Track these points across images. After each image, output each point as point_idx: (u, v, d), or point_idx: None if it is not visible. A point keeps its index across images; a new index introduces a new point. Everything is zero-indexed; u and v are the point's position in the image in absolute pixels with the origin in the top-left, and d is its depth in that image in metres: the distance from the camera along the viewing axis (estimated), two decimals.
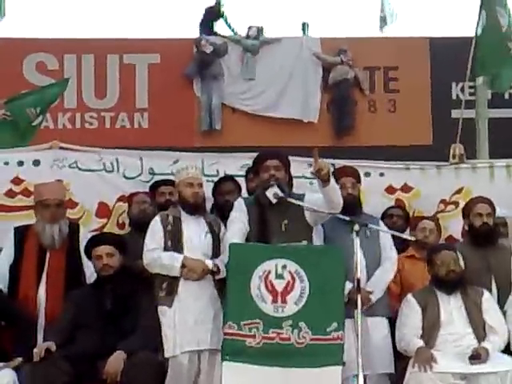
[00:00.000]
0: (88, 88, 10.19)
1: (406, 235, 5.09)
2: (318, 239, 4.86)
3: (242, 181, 5.64)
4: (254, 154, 5.21)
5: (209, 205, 5.40)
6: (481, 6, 6.52)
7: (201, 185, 5.01)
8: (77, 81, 10.03)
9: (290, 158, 5.33)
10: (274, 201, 4.74)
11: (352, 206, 4.96)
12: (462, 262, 4.92)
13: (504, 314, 4.93)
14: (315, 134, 10.13)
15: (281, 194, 4.74)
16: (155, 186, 5.62)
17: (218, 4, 10.64)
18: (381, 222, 5.11)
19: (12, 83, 9.42)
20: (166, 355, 4.75)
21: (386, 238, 5.00)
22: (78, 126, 10.20)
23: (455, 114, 9.83)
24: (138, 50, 10.24)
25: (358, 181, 5.14)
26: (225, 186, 5.51)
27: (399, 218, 5.45)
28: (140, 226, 5.15)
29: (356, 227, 4.51)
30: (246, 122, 10.28)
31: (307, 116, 10.31)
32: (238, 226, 4.81)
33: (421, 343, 4.76)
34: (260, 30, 10.38)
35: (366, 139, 9.93)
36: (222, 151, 6.50)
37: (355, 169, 5.26)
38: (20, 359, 4.72)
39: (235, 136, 9.87)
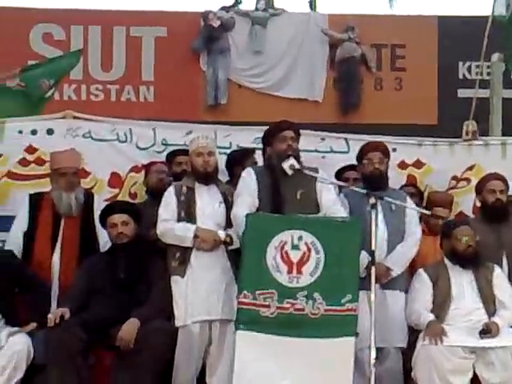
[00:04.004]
0: (94, 60, 10.15)
1: (422, 209, 5.10)
2: (344, 212, 4.87)
3: None
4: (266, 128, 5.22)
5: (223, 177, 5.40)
6: None
7: (211, 153, 4.99)
8: (83, 52, 9.97)
9: (304, 131, 5.37)
10: (291, 172, 4.74)
11: (378, 180, 4.99)
12: (477, 238, 4.96)
13: None
14: (320, 111, 10.13)
15: (297, 166, 4.75)
16: (172, 156, 5.64)
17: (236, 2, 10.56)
18: (408, 198, 5.10)
19: (18, 53, 9.42)
20: (177, 324, 4.78)
21: (411, 214, 5.01)
22: (83, 97, 10.17)
23: (461, 93, 9.89)
24: (145, 23, 10.19)
25: (386, 156, 5.12)
26: (251, 160, 5.50)
27: (413, 195, 5.45)
28: (157, 196, 5.15)
29: (372, 200, 4.54)
30: (252, 97, 10.26)
31: (312, 95, 10.30)
32: (245, 200, 4.81)
33: (432, 317, 4.80)
34: (268, 3, 10.36)
35: (371, 117, 9.92)
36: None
37: (383, 144, 5.25)
38: (34, 325, 4.76)
39: (240, 111, 9.86)
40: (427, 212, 4.97)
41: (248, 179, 4.88)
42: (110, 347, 4.65)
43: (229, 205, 4.93)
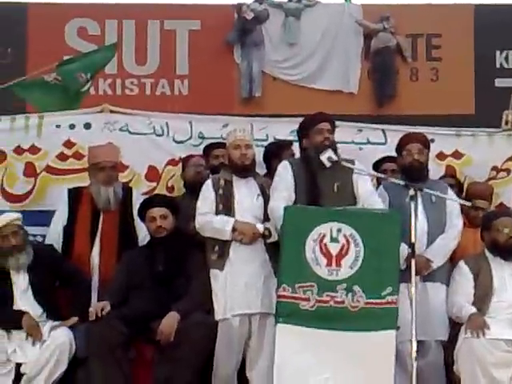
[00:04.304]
0: (129, 54, 10.16)
1: (462, 201, 5.04)
2: (381, 203, 4.83)
3: None
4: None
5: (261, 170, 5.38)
6: None
7: (249, 146, 4.97)
8: (117, 46, 9.99)
9: (341, 123, 5.35)
10: (329, 164, 4.71)
11: (417, 171, 4.94)
12: None
13: None
14: (356, 103, 10.05)
15: (335, 158, 4.72)
16: (209, 149, 5.64)
17: None
18: (449, 189, 5.05)
19: (54, 48, 9.45)
20: (217, 318, 4.78)
21: (453, 205, 4.95)
22: (118, 92, 10.20)
23: (499, 82, 9.77)
24: (178, 16, 10.19)
25: (426, 147, 5.07)
26: (288, 152, 5.49)
27: (452, 186, 5.39)
28: (195, 189, 5.16)
29: (411, 192, 4.50)
30: (286, 90, 10.21)
31: (347, 87, 10.23)
32: (282, 194, 4.78)
33: (473, 310, 4.75)
34: None
35: (407, 108, 9.81)
36: None
37: (423, 135, 5.20)
38: (76, 318, 4.79)
39: (275, 104, 9.81)
40: (468, 203, 4.91)
41: (284, 172, 4.86)
42: (150, 341, 4.67)
43: (267, 197, 4.91)
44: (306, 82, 10.23)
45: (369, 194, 4.82)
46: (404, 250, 4.58)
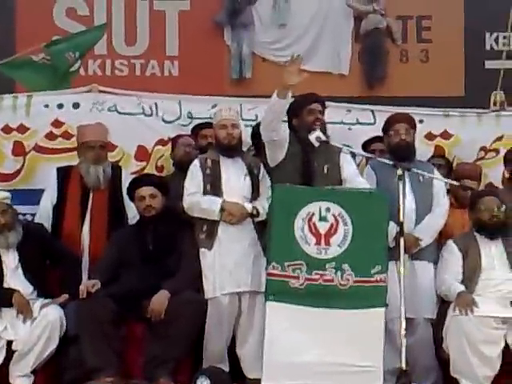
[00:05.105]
0: (118, 35, 10.09)
1: (451, 181, 5.07)
2: (370, 184, 4.88)
3: None
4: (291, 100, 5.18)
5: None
6: None
7: (235, 126, 4.98)
8: (107, 27, 9.92)
9: (330, 103, 5.35)
10: (317, 144, 4.74)
11: (404, 151, 4.96)
12: (504, 208, 4.90)
13: None
14: (346, 84, 10.02)
15: (323, 138, 4.75)
16: (197, 129, 5.64)
17: None
18: (435, 170, 5.08)
19: (42, 29, 9.38)
20: (207, 296, 4.80)
21: (439, 185, 5.00)
22: (108, 72, 10.14)
23: (488, 64, 9.75)
24: None
25: (412, 127, 5.09)
26: None
27: (441, 167, 5.43)
28: (184, 169, 5.16)
29: (399, 171, 4.54)
30: (277, 71, 10.14)
31: (338, 68, 10.20)
32: None
33: (462, 288, 4.78)
34: None
35: (397, 90, 9.78)
36: None
37: (410, 115, 5.22)
38: (66, 296, 4.80)
39: (266, 85, 9.71)
40: (456, 183, 4.94)
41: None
42: (141, 319, 4.69)
43: (254, 177, 4.95)
44: None
45: (353, 176, 4.88)
46: (393, 228, 4.62)
